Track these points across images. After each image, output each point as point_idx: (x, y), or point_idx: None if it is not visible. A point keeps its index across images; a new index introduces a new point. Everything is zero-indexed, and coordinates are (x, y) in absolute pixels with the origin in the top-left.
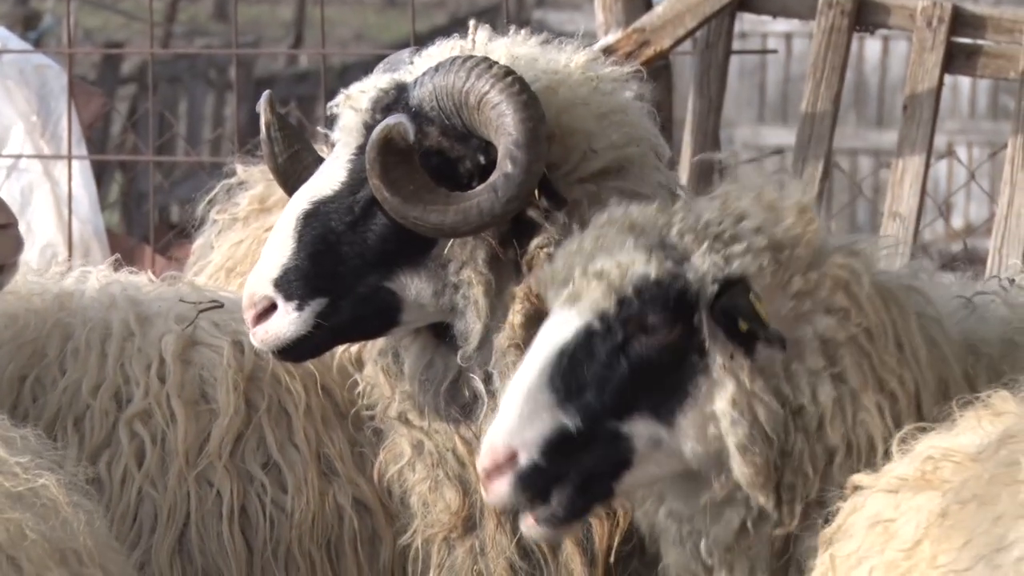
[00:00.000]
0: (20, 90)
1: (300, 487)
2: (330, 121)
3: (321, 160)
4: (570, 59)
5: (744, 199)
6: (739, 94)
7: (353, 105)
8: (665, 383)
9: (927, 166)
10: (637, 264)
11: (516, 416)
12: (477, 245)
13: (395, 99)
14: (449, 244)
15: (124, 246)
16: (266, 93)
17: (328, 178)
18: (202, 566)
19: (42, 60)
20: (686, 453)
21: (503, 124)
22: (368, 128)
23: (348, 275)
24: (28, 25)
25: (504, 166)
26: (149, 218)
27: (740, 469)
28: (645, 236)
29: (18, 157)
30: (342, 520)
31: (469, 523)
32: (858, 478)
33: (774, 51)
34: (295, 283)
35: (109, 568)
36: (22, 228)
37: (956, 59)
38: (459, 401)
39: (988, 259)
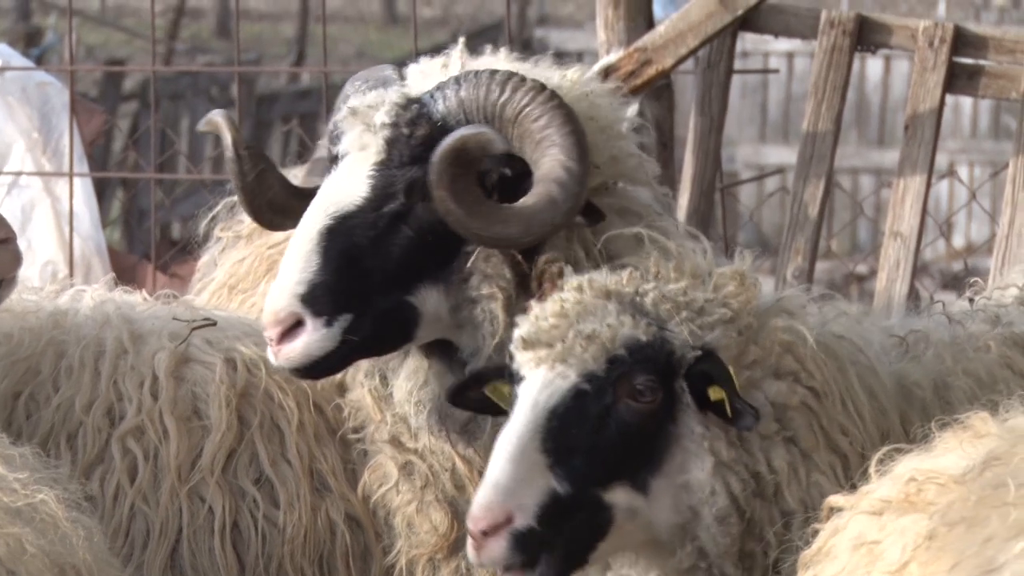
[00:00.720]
0: (22, 107)
1: (292, 502)
2: (333, 138)
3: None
4: (563, 75)
5: (665, 267)
6: (741, 113)
7: (366, 121)
8: (644, 452)
9: (928, 185)
10: (626, 327)
11: (511, 477)
12: (502, 260)
13: (418, 113)
14: (473, 258)
15: (125, 263)
16: (221, 113)
17: (348, 193)
18: None
19: (44, 77)
20: (659, 524)
21: (548, 136)
22: (391, 143)
23: (373, 290)
24: (30, 42)
25: (557, 176)
26: (150, 235)
27: (717, 540)
28: (621, 303)
29: (19, 174)
30: (334, 536)
31: (457, 545)
32: (834, 499)
33: (776, 70)
34: (323, 299)
35: None
36: (22, 245)
37: (958, 79)
38: (456, 419)
39: (989, 279)
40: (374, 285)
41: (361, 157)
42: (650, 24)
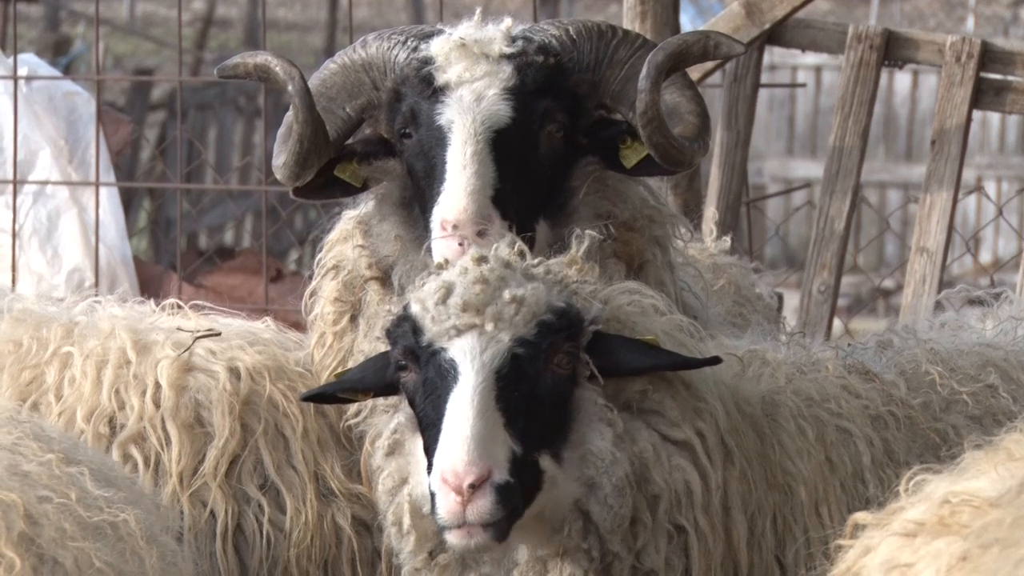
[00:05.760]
0: (49, 116)
1: (299, 508)
2: (423, 75)
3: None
4: None
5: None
6: (768, 126)
7: (484, 51)
8: (561, 421)
9: (955, 201)
10: (546, 294)
11: (483, 432)
12: (603, 198)
13: (540, 44)
14: (583, 191)
15: (151, 273)
16: (270, 53)
17: (492, 113)
18: None
19: (71, 87)
20: (564, 496)
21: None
22: (522, 70)
23: (527, 206)
24: (58, 51)
25: (693, 110)
26: (177, 245)
27: (615, 511)
28: (526, 275)
29: (46, 183)
30: (340, 541)
31: None
32: (860, 516)
33: (803, 84)
34: (507, 203)
35: None
36: (48, 253)
37: (985, 94)
38: None
39: (1016, 294)
40: (525, 198)
41: (485, 83)
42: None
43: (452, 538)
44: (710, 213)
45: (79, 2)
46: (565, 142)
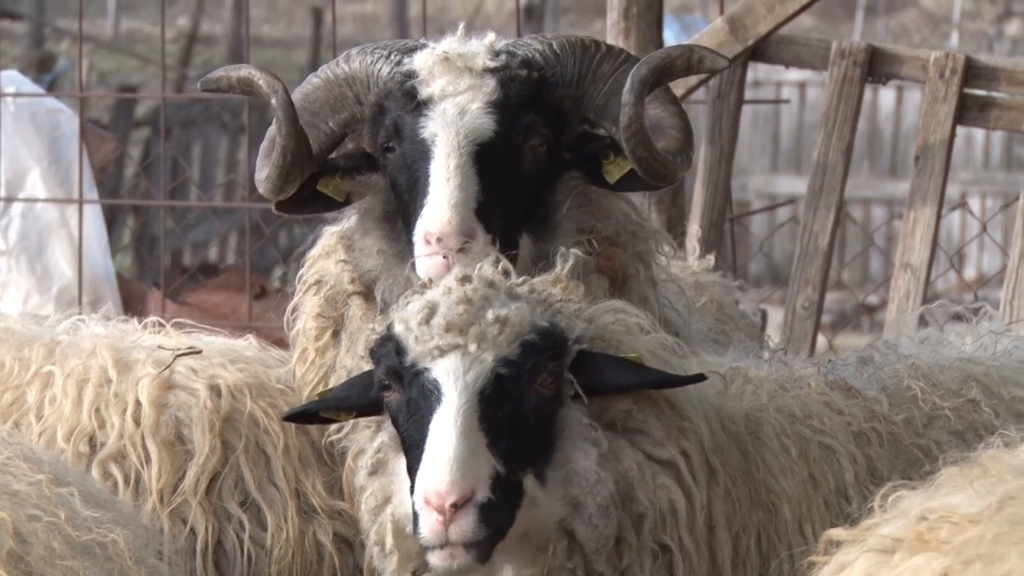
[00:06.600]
0: (32, 134)
1: (280, 524)
2: (407, 89)
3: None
4: None
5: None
6: (752, 142)
7: (468, 65)
8: (544, 441)
9: (938, 217)
10: (530, 314)
11: (466, 453)
12: (587, 214)
13: (524, 59)
14: (566, 207)
15: (134, 290)
16: (251, 67)
17: (476, 126)
18: None
19: (55, 104)
20: (547, 516)
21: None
22: (505, 84)
23: (509, 216)
24: (42, 68)
25: (676, 124)
26: (161, 262)
27: (600, 531)
28: (508, 293)
29: (25, 201)
30: (322, 558)
31: None
32: (835, 533)
33: (786, 101)
34: (491, 216)
35: None
36: (38, 271)
37: (969, 110)
38: None
39: (999, 310)
40: (509, 212)
41: (469, 97)
42: None
43: (435, 559)
44: (694, 230)
45: (63, 19)
46: (548, 156)
